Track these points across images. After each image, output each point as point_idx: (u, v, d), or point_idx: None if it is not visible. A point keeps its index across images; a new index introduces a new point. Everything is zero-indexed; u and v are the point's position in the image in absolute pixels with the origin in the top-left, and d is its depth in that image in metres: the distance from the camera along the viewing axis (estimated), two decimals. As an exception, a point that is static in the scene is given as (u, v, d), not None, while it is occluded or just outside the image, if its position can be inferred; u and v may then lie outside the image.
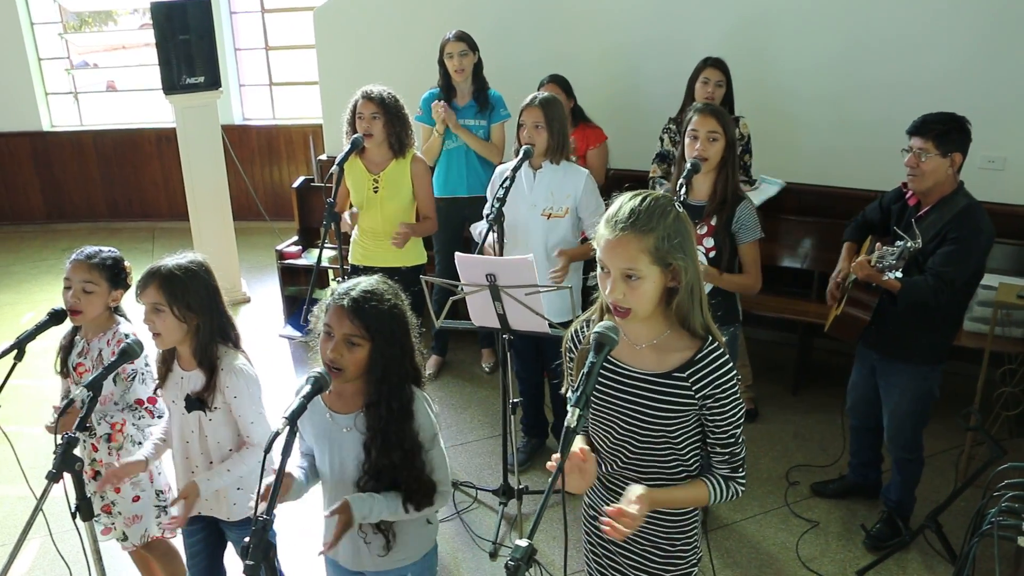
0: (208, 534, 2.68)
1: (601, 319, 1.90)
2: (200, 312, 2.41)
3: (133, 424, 2.74)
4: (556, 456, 1.65)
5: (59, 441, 2.14)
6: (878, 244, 3.24)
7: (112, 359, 2.37)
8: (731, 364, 1.87)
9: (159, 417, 2.74)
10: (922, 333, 3.23)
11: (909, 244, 2.95)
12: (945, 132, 3.08)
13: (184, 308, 2.37)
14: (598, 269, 1.85)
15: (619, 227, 1.77)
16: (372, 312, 2.04)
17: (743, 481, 1.96)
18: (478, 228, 3.72)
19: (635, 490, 1.86)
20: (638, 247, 1.75)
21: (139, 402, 2.75)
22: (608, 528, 1.76)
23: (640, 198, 1.81)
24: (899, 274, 3.04)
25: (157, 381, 2.57)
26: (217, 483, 2.47)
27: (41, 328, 2.54)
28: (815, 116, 5.02)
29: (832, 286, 3.48)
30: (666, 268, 1.78)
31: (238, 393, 2.44)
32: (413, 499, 2.14)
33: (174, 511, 2.60)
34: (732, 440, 1.91)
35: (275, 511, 1.83)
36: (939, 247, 3.10)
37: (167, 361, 2.53)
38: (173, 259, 2.43)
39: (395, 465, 2.12)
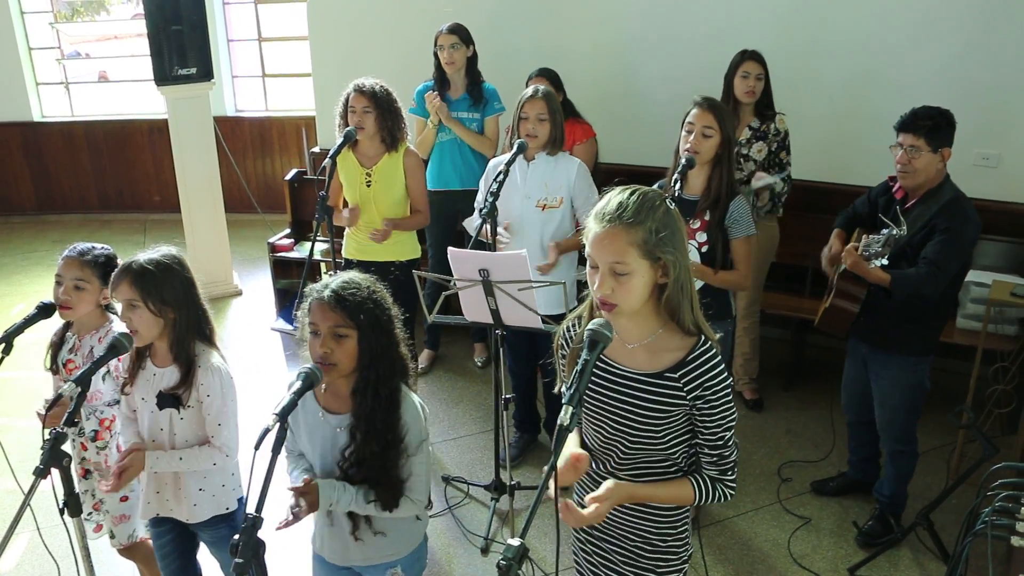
0: (178, 535, 2.65)
1: (591, 316, 1.88)
2: (176, 306, 2.38)
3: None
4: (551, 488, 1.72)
5: (47, 435, 2.12)
6: (864, 235, 3.25)
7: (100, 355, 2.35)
8: (723, 366, 1.85)
9: None
10: (911, 325, 3.24)
11: (895, 231, 2.96)
12: (935, 128, 3.08)
13: (159, 302, 2.35)
14: (587, 265, 1.83)
15: (607, 220, 1.76)
16: (353, 300, 2.05)
17: (732, 485, 1.94)
18: (472, 223, 3.70)
19: (608, 483, 1.86)
20: (627, 240, 1.74)
21: None
22: (564, 513, 1.78)
23: (629, 192, 1.79)
24: (885, 261, 3.04)
25: (125, 378, 2.52)
26: (164, 465, 2.44)
27: (29, 321, 2.52)
28: (810, 112, 5.01)
29: (826, 263, 3.46)
30: (655, 262, 1.76)
31: (211, 392, 2.42)
32: (380, 496, 2.14)
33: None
34: (721, 443, 1.89)
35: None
36: (927, 238, 3.11)
37: (140, 358, 2.49)
38: (145, 254, 2.40)
39: (376, 454, 2.12)
